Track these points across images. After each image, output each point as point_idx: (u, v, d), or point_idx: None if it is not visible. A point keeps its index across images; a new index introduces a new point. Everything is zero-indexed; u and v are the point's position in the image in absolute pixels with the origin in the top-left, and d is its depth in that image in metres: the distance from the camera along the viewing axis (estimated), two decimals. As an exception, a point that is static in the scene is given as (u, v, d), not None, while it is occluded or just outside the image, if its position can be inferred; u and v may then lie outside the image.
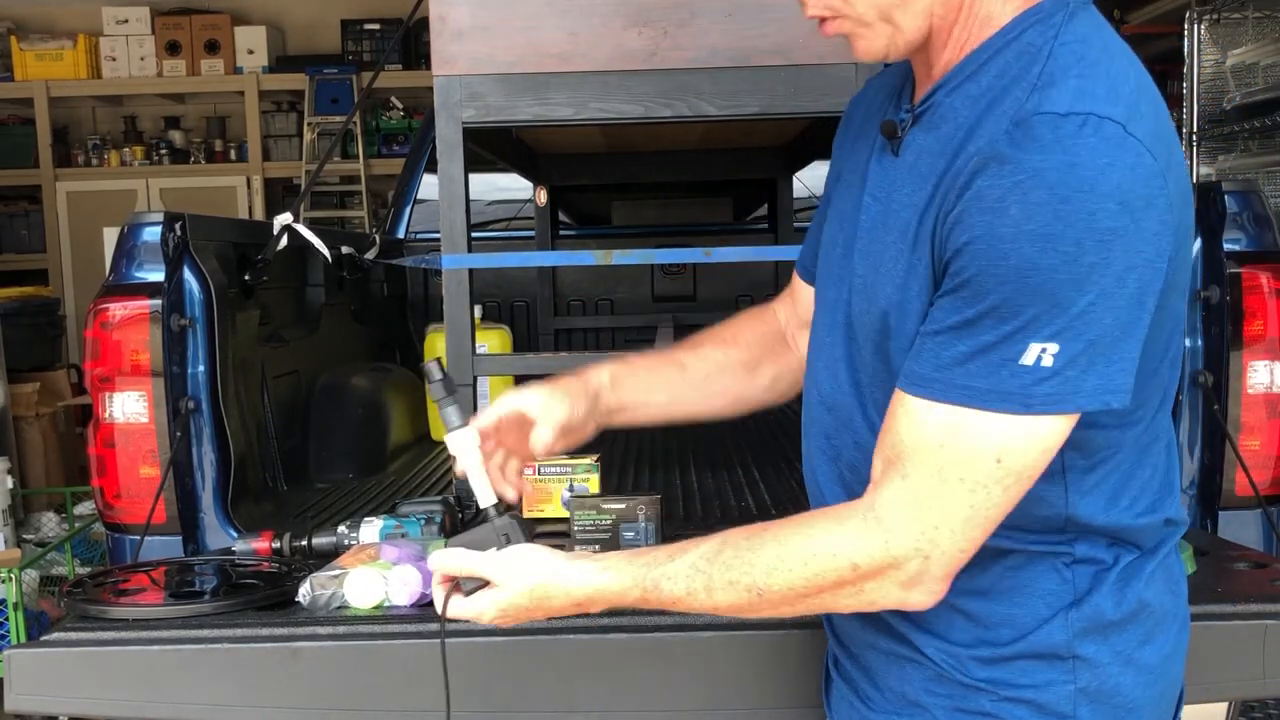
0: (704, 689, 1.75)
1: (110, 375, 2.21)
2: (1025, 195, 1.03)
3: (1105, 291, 1.04)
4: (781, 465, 2.92)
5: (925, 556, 1.12)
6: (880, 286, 1.18)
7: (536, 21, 2.29)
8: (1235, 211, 2.31)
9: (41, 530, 4.57)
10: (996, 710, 1.19)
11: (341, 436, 3.00)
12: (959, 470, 1.09)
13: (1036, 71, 1.10)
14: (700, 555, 1.20)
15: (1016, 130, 1.06)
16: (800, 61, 2.25)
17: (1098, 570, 1.19)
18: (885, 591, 1.15)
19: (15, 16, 8.17)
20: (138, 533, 2.20)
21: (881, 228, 1.20)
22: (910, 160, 1.18)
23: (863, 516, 1.14)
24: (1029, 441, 1.08)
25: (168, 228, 2.23)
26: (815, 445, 1.32)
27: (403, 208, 4.27)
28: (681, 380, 1.51)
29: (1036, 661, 1.19)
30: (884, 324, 1.18)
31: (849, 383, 1.25)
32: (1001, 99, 1.11)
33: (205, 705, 1.74)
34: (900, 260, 1.16)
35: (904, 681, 1.25)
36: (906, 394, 1.12)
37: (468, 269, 2.37)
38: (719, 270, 4.13)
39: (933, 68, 1.20)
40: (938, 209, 1.12)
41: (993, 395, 1.07)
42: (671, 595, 1.20)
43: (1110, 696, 1.19)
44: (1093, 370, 1.06)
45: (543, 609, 1.27)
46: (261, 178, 8.11)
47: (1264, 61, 5.06)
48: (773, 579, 1.16)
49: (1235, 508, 2.32)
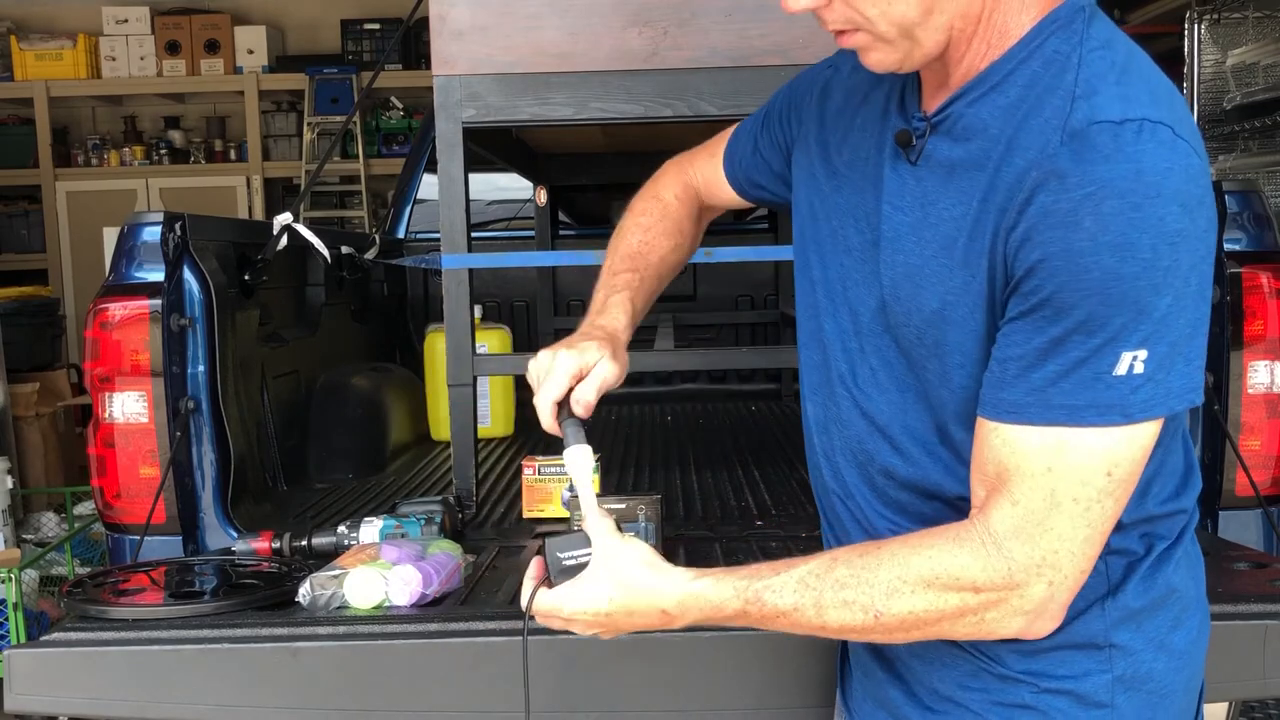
0: (706, 689, 1.75)
1: (110, 375, 2.21)
2: (1098, 206, 1.04)
3: (1179, 293, 1.05)
4: (781, 465, 2.92)
5: (1049, 582, 1.11)
6: (923, 299, 1.17)
7: (536, 21, 2.29)
8: (1235, 211, 2.31)
9: (41, 530, 4.57)
10: (1036, 702, 1.19)
11: (341, 436, 3.00)
12: (1072, 491, 1.09)
13: (1071, 79, 1.10)
14: (810, 571, 1.17)
15: (1074, 142, 1.06)
16: (800, 61, 2.23)
17: (1130, 560, 1.20)
18: (1008, 620, 1.13)
19: (15, 16, 8.17)
20: (138, 533, 2.20)
21: (914, 238, 1.19)
22: (940, 173, 1.18)
23: (981, 540, 1.12)
24: (1132, 449, 1.09)
25: (168, 228, 2.23)
26: (839, 445, 1.31)
27: (403, 208, 4.27)
28: (655, 287, 1.56)
29: (1074, 651, 1.19)
30: (936, 338, 1.17)
31: (891, 389, 1.24)
32: (1038, 109, 1.11)
33: (205, 705, 1.74)
34: (951, 277, 1.15)
35: (937, 677, 1.24)
36: (1001, 424, 1.11)
37: (468, 269, 2.37)
38: (719, 270, 4.13)
39: (950, 76, 1.19)
40: (994, 226, 1.11)
41: (1092, 410, 1.07)
42: (775, 609, 1.17)
43: (1145, 682, 1.20)
44: (1175, 370, 1.07)
45: (626, 611, 1.21)
46: (261, 178, 8.11)
47: (1264, 61, 5.06)
48: (893, 601, 1.13)
49: (1235, 508, 2.32)
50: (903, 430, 1.23)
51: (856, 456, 1.28)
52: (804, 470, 2.90)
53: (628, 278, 1.50)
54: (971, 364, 1.15)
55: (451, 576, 1.90)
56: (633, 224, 1.60)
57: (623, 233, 1.59)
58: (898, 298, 1.21)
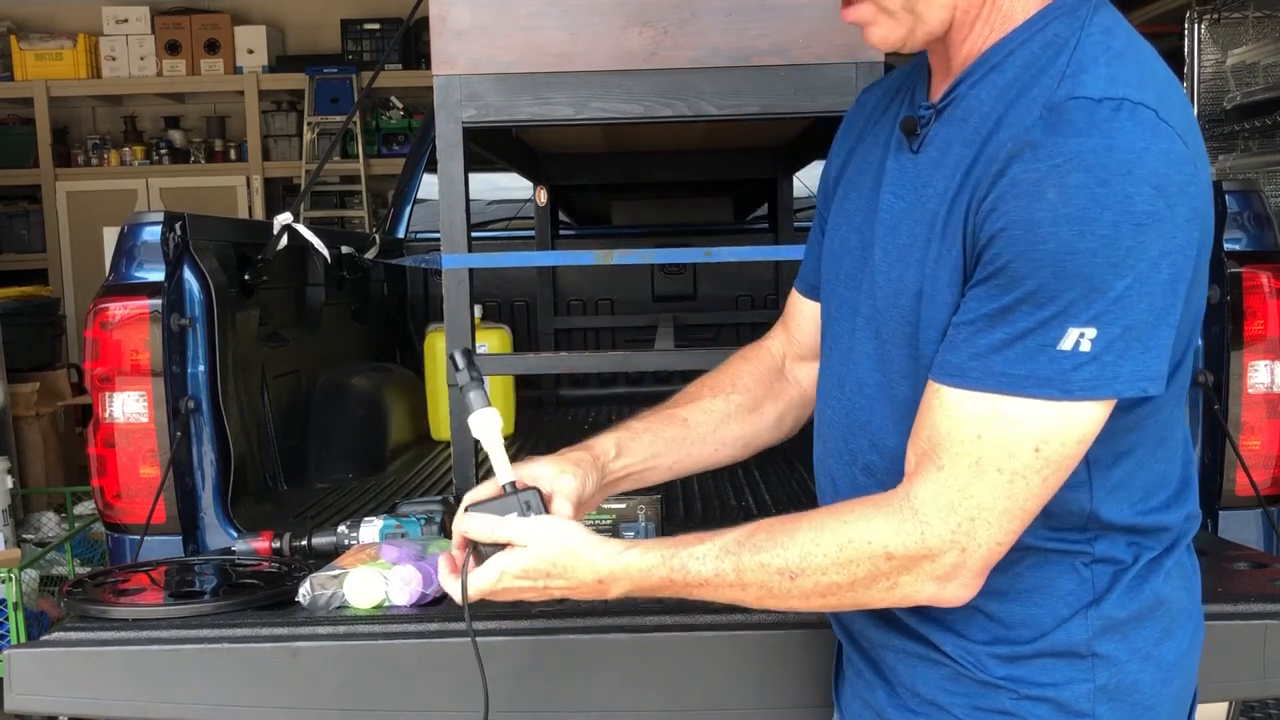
0: (705, 689, 1.75)
1: (110, 375, 2.21)
2: (1063, 179, 1.03)
3: (1141, 276, 1.04)
4: (781, 465, 2.92)
5: (962, 549, 1.11)
6: (907, 279, 1.18)
7: (536, 21, 2.28)
8: (1235, 211, 2.31)
9: (41, 530, 4.57)
10: (1016, 708, 1.19)
11: (341, 436, 3.00)
12: (997, 460, 1.08)
13: (1065, 60, 1.10)
14: (731, 539, 1.19)
15: (1050, 115, 1.06)
16: (800, 61, 2.25)
17: (1116, 569, 1.19)
18: (920, 586, 1.14)
19: (15, 16, 8.17)
20: (138, 532, 2.20)
21: (907, 221, 1.19)
22: (935, 155, 1.18)
23: (899, 506, 1.13)
24: (1068, 428, 1.07)
25: (168, 228, 2.23)
26: (831, 448, 1.32)
27: (403, 208, 4.27)
28: (685, 437, 1.47)
29: (1056, 659, 1.18)
30: (913, 315, 1.17)
31: (871, 383, 1.24)
32: (1030, 88, 1.11)
33: (205, 705, 1.74)
34: (929, 250, 1.15)
35: (920, 680, 1.24)
36: (941, 385, 1.11)
37: (468, 269, 2.37)
38: (719, 270, 4.13)
39: (951, 61, 1.20)
40: (969, 198, 1.11)
41: (1031, 381, 1.06)
42: (699, 576, 1.19)
43: (1129, 694, 1.19)
44: (1129, 356, 1.05)
45: (564, 578, 1.23)
46: (261, 177, 8.11)
47: (1264, 61, 5.06)
48: (806, 563, 1.15)
49: (1235, 508, 2.31)
50: (885, 423, 1.23)
51: (843, 456, 1.29)
52: (804, 470, 2.90)
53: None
54: (940, 339, 1.15)
55: (451, 576, 1.89)
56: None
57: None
58: (887, 283, 1.21)
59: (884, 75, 1.48)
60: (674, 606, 1.82)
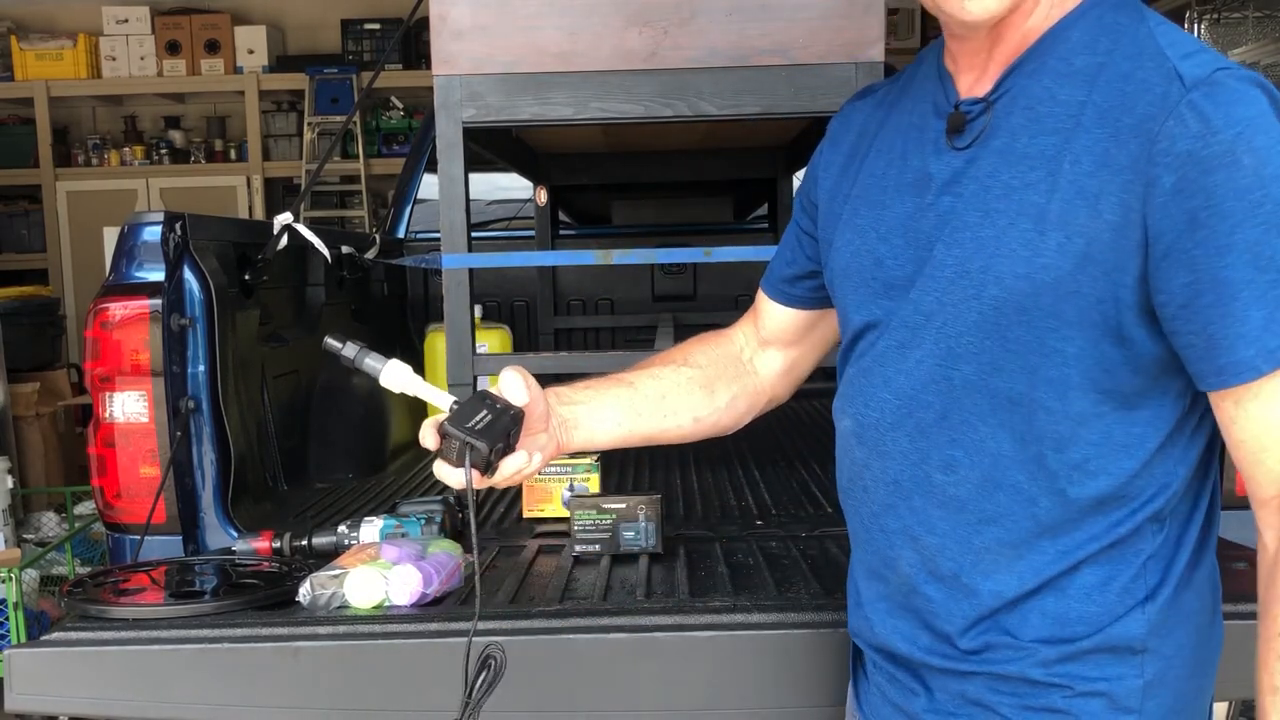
0: (705, 689, 1.75)
1: (110, 375, 2.21)
2: (1251, 142, 1.07)
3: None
4: (781, 465, 2.92)
5: None
6: (1002, 271, 1.16)
7: (536, 21, 2.29)
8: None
9: (41, 530, 4.57)
10: (1069, 706, 1.19)
11: (341, 436, 3.00)
12: None
13: (1154, 45, 1.14)
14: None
15: (1204, 87, 1.09)
16: (800, 61, 2.25)
17: (1166, 564, 1.22)
18: None
19: (15, 16, 8.17)
20: (138, 532, 2.20)
21: (981, 216, 1.18)
22: (999, 145, 1.19)
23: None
24: None
25: (168, 227, 2.23)
26: (882, 450, 1.27)
27: (403, 207, 4.27)
28: (630, 397, 1.46)
29: (1110, 655, 1.19)
30: (1018, 307, 1.15)
31: (951, 379, 1.21)
32: (1106, 67, 1.15)
33: (205, 705, 1.74)
34: (1042, 241, 1.14)
35: (963, 680, 1.23)
36: (1247, 384, 1.11)
37: (468, 269, 2.37)
38: (719, 270, 4.13)
39: (995, 49, 1.21)
40: (1105, 187, 1.11)
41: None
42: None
43: (1169, 688, 1.21)
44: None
45: None
46: (261, 177, 8.11)
47: (1264, 61, 5.06)
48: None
49: (1235, 508, 2.30)
50: (967, 418, 1.20)
51: (909, 456, 1.25)
52: (804, 470, 2.89)
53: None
54: (1079, 325, 1.14)
55: (451, 576, 1.90)
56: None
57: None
58: (965, 277, 1.18)
59: (862, 91, 1.47)
60: (674, 607, 1.82)
